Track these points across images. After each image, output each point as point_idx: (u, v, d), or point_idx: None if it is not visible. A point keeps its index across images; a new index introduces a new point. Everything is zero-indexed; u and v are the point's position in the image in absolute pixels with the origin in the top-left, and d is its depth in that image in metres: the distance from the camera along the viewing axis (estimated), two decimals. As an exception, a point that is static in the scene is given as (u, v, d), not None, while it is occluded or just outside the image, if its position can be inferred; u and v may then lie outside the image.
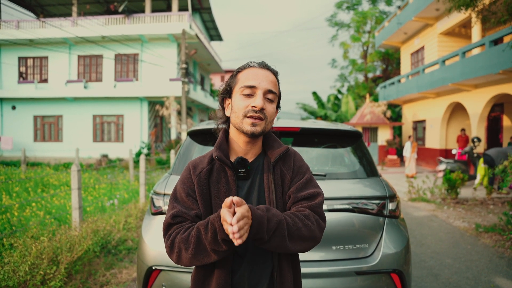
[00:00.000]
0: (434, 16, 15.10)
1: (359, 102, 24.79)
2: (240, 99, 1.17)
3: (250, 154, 1.24)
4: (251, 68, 1.20)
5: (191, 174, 1.21)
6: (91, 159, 18.28)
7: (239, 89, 1.17)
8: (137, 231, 5.30)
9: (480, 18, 6.39)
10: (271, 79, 1.19)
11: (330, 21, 28.87)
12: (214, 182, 1.19)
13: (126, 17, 18.58)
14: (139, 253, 2.32)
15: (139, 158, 6.98)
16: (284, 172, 1.23)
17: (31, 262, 3.09)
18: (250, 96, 1.16)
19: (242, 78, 1.18)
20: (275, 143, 1.27)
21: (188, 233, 1.09)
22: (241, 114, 1.15)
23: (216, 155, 1.18)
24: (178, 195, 1.20)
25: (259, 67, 1.20)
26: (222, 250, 1.03)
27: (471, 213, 7.11)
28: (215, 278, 1.14)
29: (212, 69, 26.75)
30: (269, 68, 1.22)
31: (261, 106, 1.13)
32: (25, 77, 20.01)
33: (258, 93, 1.15)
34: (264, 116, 1.15)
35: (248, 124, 1.14)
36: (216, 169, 1.21)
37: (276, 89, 1.20)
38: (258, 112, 1.14)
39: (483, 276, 3.89)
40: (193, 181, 1.19)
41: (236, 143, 1.23)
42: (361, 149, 2.61)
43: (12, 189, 7.25)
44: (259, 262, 1.17)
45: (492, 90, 11.27)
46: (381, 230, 2.23)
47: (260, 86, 1.15)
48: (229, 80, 1.23)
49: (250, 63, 1.21)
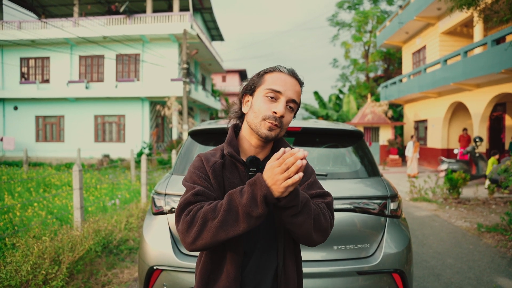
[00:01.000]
0: (435, 15, 15.07)
1: (361, 102, 24.77)
2: (262, 101, 1.16)
3: (260, 154, 1.24)
4: (280, 72, 1.19)
5: (204, 165, 1.19)
6: (92, 159, 18.32)
7: (264, 90, 1.17)
8: (139, 231, 5.30)
9: (482, 17, 6.38)
10: (297, 89, 1.19)
11: (332, 20, 28.86)
12: (228, 176, 1.19)
13: (127, 17, 18.60)
14: (141, 253, 2.32)
15: (141, 158, 6.99)
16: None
17: (33, 262, 3.09)
18: (273, 100, 1.16)
19: (270, 80, 1.18)
20: (284, 145, 1.28)
21: (216, 203, 1.04)
22: (261, 116, 1.15)
23: (228, 151, 1.18)
24: (194, 178, 1.15)
25: (288, 74, 1.19)
26: (256, 215, 0.99)
27: (473, 213, 7.10)
28: (225, 274, 1.14)
29: (214, 69, 26.76)
30: (297, 77, 1.22)
31: (282, 114, 1.14)
32: (27, 78, 20.06)
33: (282, 99, 1.15)
34: (281, 124, 1.16)
35: (265, 127, 1.15)
36: (228, 164, 1.21)
37: (298, 99, 1.20)
38: (277, 119, 1.15)
39: (485, 276, 3.88)
40: (207, 172, 1.17)
41: (247, 141, 1.24)
42: (362, 148, 2.61)
43: (14, 189, 7.27)
44: (265, 260, 1.18)
45: (494, 90, 11.24)
46: (382, 230, 2.23)
47: (286, 93, 1.16)
48: (255, 78, 1.23)
49: (280, 68, 1.21)
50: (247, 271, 1.16)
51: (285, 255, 1.20)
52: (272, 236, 1.19)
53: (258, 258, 1.17)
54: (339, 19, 28.84)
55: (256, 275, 1.17)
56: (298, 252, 1.27)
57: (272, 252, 1.19)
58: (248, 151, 1.23)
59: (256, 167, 1.19)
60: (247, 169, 1.19)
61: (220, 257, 1.16)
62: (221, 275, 1.15)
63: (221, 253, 1.16)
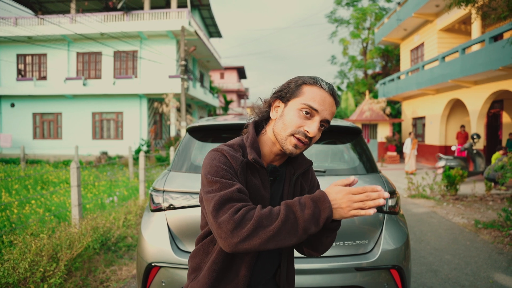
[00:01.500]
0: (434, 12, 15.06)
1: (359, 99, 24.78)
2: (296, 115, 1.10)
3: (276, 162, 1.22)
4: (321, 89, 1.12)
5: (230, 162, 1.11)
6: (90, 157, 18.28)
7: (300, 104, 1.10)
8: (137, 228, 5.30)
9: (480, 14, 6.37)
10: (333, 110, 1.13)
11: (330, 17, 28.82)
12: (251, 177, 1.15)
13: (125, 14, 18.51)
14: (139, 250, 2.32)
15: (139, 155, 6.98)
16: (303, 185, 1.26)
17: (31, 259, 3.08)
18: (307, 116, 1.10)
19: (309, 94, 1.10)
20: (300, 155, 1.26)
21: (270, 209, 0.99)
22: (290, 129, 1.10)
23: (253, 157, 1.12)
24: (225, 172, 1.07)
25: (328, 92, 1.13)
26: (311, 233, 0.98)
27: (471, 209, 7.13)
28: (235, 273, 1.13)
29: (212, 66, 26.70)
30: (336, 97, 1.16)
31: (314, 135, 1.09)
32: (23, 75, 19.95)
33: (317, 119, 1.10)
34: (309, 143, 1.12)
35: (292, 144, 1.10)
36: (250, 165, 1.16)
37: (331, 119, 1.15)
38: (307, 138, 1.10)
39: (482, 272, 3.90)
40: (235, 169, 1.10)
41: (268, 148, 1.19)
42: (360, 145, 2.61)
43: (11, 186, 7.24)
44: (269, 259, 1.20)
45: (492, 87, 11.26)
46: (380, 226, 2.23)
47: (322, 113, 1.10)
48: (292, 87, 1.14)
49: (322, 83, 1.13)
50: (254, 270, 1.17)
51: (288, 255, 1.23)
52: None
53: (263, 258, 1.18)
54: (338, 16, 28.77)
55: (261, 274, 1.18)
56: (293, 252, 1.31)
57: (275, 254, 1.21)
58: (267, 157, 1.19)
59: (274, 177, 1.18)
60: (267, 175, 1.17)
61: (233, 257, 1.14)
62: (231, 274, 1.14)
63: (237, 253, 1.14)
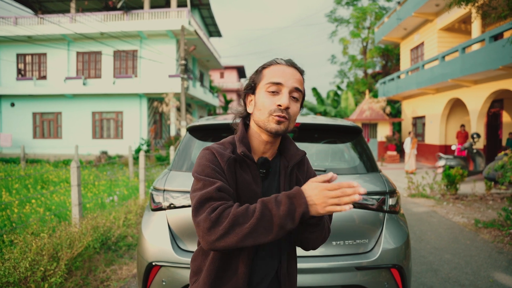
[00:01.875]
0: (434, 11, 15.05)
1: (359, 98, 24.77)
2: (265, 96, 1.13)
3: (268, 154, 1.22)
4: (277, 64, 1.16)
5: (217, 159, 1.13)
6: (90, 156, 18.28)
7: (265, 85, 1.14)
8: (137, 227, 5.30)
9: (480, 14, 6.37)
10: (298, 78, 1.15)
11: (330, 17, 28.83)
12: (241, 173, 1.16)
13: (125, 13, 18.50)
14: (139, 249, 2.32)
15: (139, 154, 6.98)
16: (299, 177, 1.25)
17: (32, 259, 3.09)
18: (275, 93, 1.12)
19: (268, 74, 1.14)
20: (291, 145, 1.26)
21: (246, 207, 1.01)
22: (267, 111, 1.12)
23: (242, 150, 1.14)
24: (210, 170, 1.09)
25: (286, 64, 1.16)
26: (288, 229, 0.99)
27: (471, 208, 7.13)
28: (234, 272, 1.13)
29: (211, 65, 26.70)
30: (296, 66, 1.19)
31: (287, 105, 1.10)
32: (23, 74, 19.95)
33: (284, 91, 1.12)
34: (289, 116, 1.13)
35: (274, 122, 1.11)
36: (240, 161, 1.17)
37: (302, 87, 1.17)
38: (284, 111, 1.11)
39: (482, 271, 3.90)
40: (221, 166, 1.12)
41: (256, 140, 1.20)
42: (361, 144, 2.61)
43: (11, 186, 7.25)
44: (269, 258, 1.19)
45: (492, 86, 11.26)
46: (381, 226, 2.23)
47: (287, 84, 1.12)
48: (254, 76, 1.20)
49: (277, 60, 1.18)
50: (254, 269, 1.17)
51: (288, 253, 1.22)
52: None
53: (261, 255, 1.18)
54: (338, 16, 28.80)
55: (262, 270, 1.18)
56: (295, 249, 1.29)
57: (275, 250, 1.19)
58: (258, 149, 1.20)
59: (266, 169, 1.18)
60: (258, 169, 1.17)
61: (229, 255, 1.14)
62: (230, 273, 1.14)
63: (232, 251, 1.14)
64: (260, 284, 1.17)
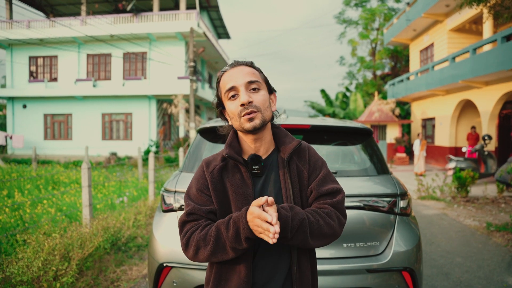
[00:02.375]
0: (444, 12, 14.90)
1: (368, 100, 24.62)
2: (229, 104, 1.19)
3: (262, 151, 1.24)
4: (225, 73, 1.22)
5: (204, 171, 1.23)
6: (100, 157, 18.46)
7: (225, 95, 1.20)
8: (147, 228, 5.34)
9: (492, 14, 6.29)
10: (247, 71, 1.19)
11: (338, 18, 28.71)
12: (230, 178, 1.20)
13: (134, 15, 18.67)
14: (150, 250, 2.34)
15: (148, 156, 7.03)
16: (300, 168, 1.24)
17: (44, 258, 3.13)
18: (236, 97, 1.17)
19: (222, 85, 1.21)
20: (286, 138, 1.27)
21: (206, 231, 1.12)
22: (237, 116, 1.16)
23: (226, 153, 1.19)
24: (191, 192, 1.23)
25: (231, 67, 1.22)
26: (242, 248, 1.06)
27: (482, 211, 7.03)
28: (236, 274, 1.15)
29: (220, 67, 26.79)
30: (241, 63, 1.23)
31: (247, 100, 1.14)
32: (35, 76, 20.25)
33: (240, 90, 1.16)
34: (257, 108, 1.15)
35: (246, 121, 1.15)
36: (230, 166, 1.22)
37: (256, 77, 1.19)
38: (249, 107, 1.14)
39: (496, 276, 3.84)
40: (206, 178, 1.21)
41: (246, 143, 1.24)
42: (371, 146, 2.60)
43: (24, 186, 7.35)
44: (276, 257, 1.18)
45: (504, 87, 11.10)
46: (392, 228, 2.22)
47: (238, 82, 1.16)
48: (216, 93, 1.26)
49: (224, 69, 1.24)
50: (258, 269, 1.16)
51: (298, 254, 1.20)
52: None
53: (270, 257, 1.17)
54: (346, 17, 28.64)
55: (267, 273, 1.17)
56: (312, 251, 1.27)
57: (284, 251, 1.19)
58: (249, 150, 1.24)
59: (258, 165, 1.19)
60: (249, 168, 1.20)
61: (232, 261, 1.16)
62: (233, 275, 1.16)
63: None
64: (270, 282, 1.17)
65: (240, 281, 1.14)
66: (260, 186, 1.20)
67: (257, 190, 1.20)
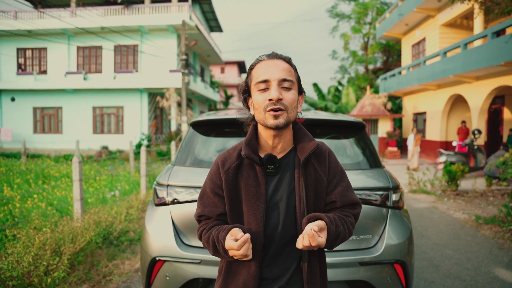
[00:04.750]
0: (435, 7, 14.97)
1: (360, 94, 24.72)
2: (257, 95, 1.16)
3: (279, 149, 1.22)
4: (261, 62, 1.18)
5: (219, 169, 1.23)
6: (91, 151, 18.28)
7: (255, 86, 1.17)
8: (139, 222, 5.32)
9: (483, 9, 6.32)
10: (283, 67, 1.16)
11: (331, 12, 28.67)
12: (244, 177, 1.20)
13: (126, 7, 18.41)
14: (143, 244, 2.32)
15: (140, 149, 6.98)
16: (319, 173, 1.23)
17: (35, 253, 3.10)
18: (266, 90, 1.14)
19: (255, 74, 1.18)
20: (305, 137, 1.25)
21: (209, 235, 1.20)
22: (262, 109, 1.14)
23: (245, 153, 1.17)
24: (205, 192, 1.27)
25: (269, 58, 1.18)
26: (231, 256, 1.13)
27: (471, 205, 7.14)
28: (246, 268, 1.18)
29: (212, 60, 26.63)
30: (279, 56, 1.19)
31: (278, 97, 1.11)
32: (24, 69, 19.90)
33: (273, 84, 1.13)
34: (284, 107, 1.13)
35: (270, 117, 1.12)
36: (245, 165, 1.21)
37: (291, 75, 1.17)
38: (277, 103, 1.12)
39: (483, 267, 3.91)
40: (221, 177, 1.22)
41: (263, 138, 1.22)
42: (364, 140, 2.60)
43: (13, 180, 7.25)
44: (286, 254, 1.19)
45: (494, 82, 11.22)
46: (384, 221, 2.23)
47: (273, 77, 1.13)
48: (246, 79, 1.24)
49: (260, 57, 1.20)
50: (265, 265, 1.18)
51: (309, 252, 1.20)
52: (294, 232, 1.18)
53: (278, 253, 1.18)
54: (339, 11, 28.62)
55: (275, 269, 1.18)
56: (322, 249, 1.27)
57: (294, 248, 1.18)
58: (266, 148, 1.22)
59: (273, 165, 1.19)
60: (265, 168, 1.19)
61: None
62: (242, 269, 1.19)
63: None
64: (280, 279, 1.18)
65: (249, 275, 1.16)
66: (273, 185, 1.19)
67: (270, 190, 1.19)
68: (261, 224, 1.15)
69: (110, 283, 3.44)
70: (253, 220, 1.16)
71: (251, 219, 1.16)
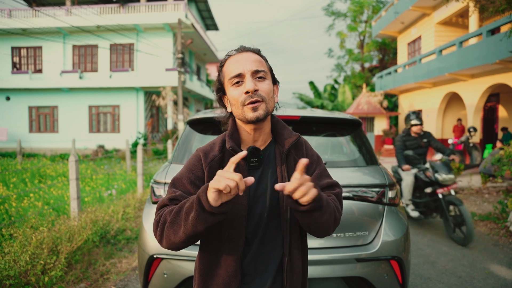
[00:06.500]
0: (431, 5, 15.02)
1: (356, 92, 24.79)
2: (232, 90, 1.14)
3: (260, 142, 1.21)
4: (231, 57, 1.17)
5: (201, 161, 1.18)
6: (87, 150, 18.21)
7: (228, 81, 1.15)
8: (136, 221, 5.32)
9: (478, 8, 6.36)
10: (254, 59, 1.15)
11: (327, 10, 28.69)
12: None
13: (121, 6, 18.33)
14: (140, 242, 2.33)
15: (136, 148, 6.97)
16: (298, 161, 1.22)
17: (31, 252, 3.09)
18: (240, 84, 1.13)
19: (227, 70, 1.16)
20: (284, 130, 1.24)
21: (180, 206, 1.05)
22: (239, 104, 1.12)
23: (230, 145, 1.15)
24: (180, 181, 1.17)
25: (238, 52, 1.17)
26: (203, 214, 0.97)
27: (467, 202, 7.19)
28: (224, 266, 1.13)
29: (208, 59, 26.57)
30: (248, 49, 1.19)
31: (253, 88, 1.10)
32: (19, 68, 19.76)
33: (246, 77, 1.12)
34: (262, 98, 1.11)
35: (249, 110, 1.11)
36: (228, 158, 1.18)
37: (262, 66, 1.16)
38: (254, 95, 1.11)
39: (479, 263, 3.95)
40: (202, 169, 1.17)
41: (244, 132, 1.20)
42: (360, 137, 2.62)
43: (9, 180, 7.22)
44: (269, 249, 1.16)
45: (489, 80, 11.29)
46: (380, 218, 2.25)
47: (245, 69, 1.12)
48: (218, 77, 1.21)
49: (229, 53, 1.19)
50: (248, 260, 1.14)
51: (290, 245, 1.17)
52: (277, 225, 1.16)
53: (261, 247, 1.15)
54: (335, 9, 28.69)
55: (258, 264, 1.15)
56: (304, 242, 1.25)
57: (277, 242, 1.17)
58: (247, 141, 1.21)
59: (256, 157, 1.16)
60: (248, 161, 1.16)
61: (218, 251, 1.14)
62: (220, 270, 1.13)
63: (219, 246, 1.14)
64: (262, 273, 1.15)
65: (228, 275, 1.12)
66: (257, 178, 1.17)
67: (255, 182, 1.16)
68: (244, 220, 1.12)
69: (108, 281, 3.44)
70: (235, 216, 1.12)
71: (233, 215, 1.12)
